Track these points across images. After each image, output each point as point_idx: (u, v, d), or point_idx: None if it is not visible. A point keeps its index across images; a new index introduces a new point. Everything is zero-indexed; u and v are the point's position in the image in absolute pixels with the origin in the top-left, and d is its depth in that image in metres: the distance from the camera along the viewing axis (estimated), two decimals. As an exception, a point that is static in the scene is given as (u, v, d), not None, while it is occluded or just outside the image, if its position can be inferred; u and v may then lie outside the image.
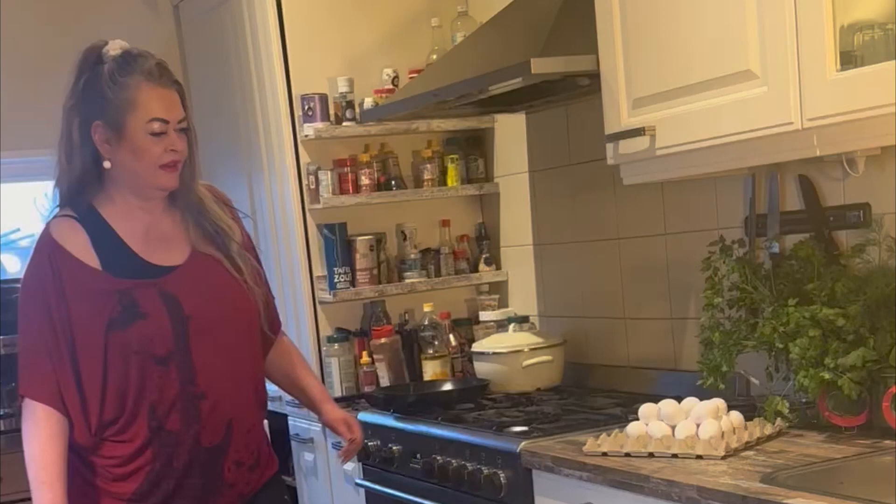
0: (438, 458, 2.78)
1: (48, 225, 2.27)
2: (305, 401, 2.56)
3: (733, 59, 2.19)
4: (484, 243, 3.71)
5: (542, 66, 2.60)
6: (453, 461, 2.73)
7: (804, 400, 2.38)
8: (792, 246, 2.50)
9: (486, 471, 2.60)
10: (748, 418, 2.36)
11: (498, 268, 3.70)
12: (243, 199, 3.84)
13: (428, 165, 3.61)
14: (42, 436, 2.17)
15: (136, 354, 2.18)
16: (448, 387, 3.27)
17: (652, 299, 3.06)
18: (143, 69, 2.22)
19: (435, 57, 3.49)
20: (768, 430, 2.32)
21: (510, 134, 3.59)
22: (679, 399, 2.39)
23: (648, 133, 2.39)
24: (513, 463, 2.52)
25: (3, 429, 3.81)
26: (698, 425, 2.27)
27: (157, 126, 2.20)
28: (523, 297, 3.60)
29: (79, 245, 2.22)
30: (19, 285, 3.81)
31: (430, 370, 3.42)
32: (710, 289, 2.54)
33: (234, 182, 3.93)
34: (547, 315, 3.49)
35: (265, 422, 2.41)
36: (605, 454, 2.30)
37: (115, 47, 2.30)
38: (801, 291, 2.38)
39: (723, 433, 2.24)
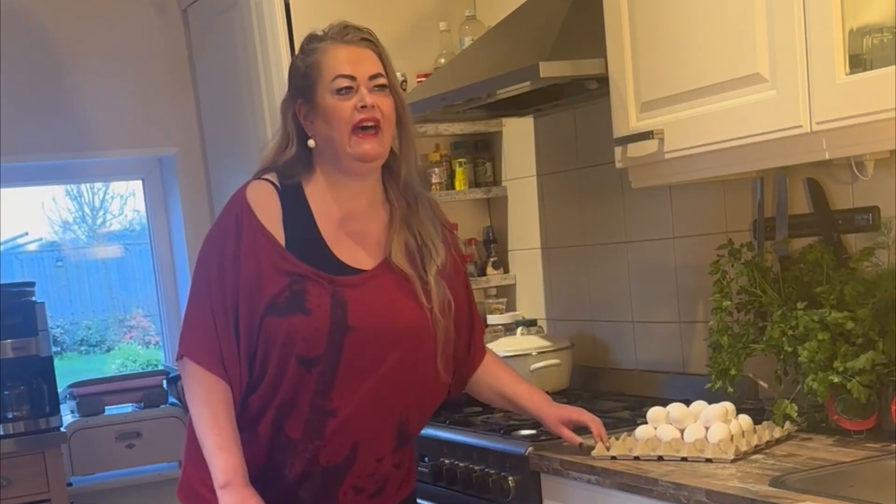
0: (446, 461, 2.78)
1: (246, 184, 2.16)
2: (526, 413, 2.43)
3: (742, 63, 2.19)
4: (492, 247, 3.72)
5: (551, 69, 2.61)
6: (461, 464, 2.73)
7: (813, 403, 2.37)
8: (801, 249, 2.50)
9: (493, 474, 2.60)
10: (757, 422, 2.36)
11: (506, 271, 3.70)
12: (251, 203, 3.84)
13: (436, 169, 3.62)
14: (212, 400, 2.04)
15: (283, 347, 2.05)
16: (456, 390, 3.26)
17: (660, 303, 3.06)
18: (330, 34, 2.12)
19: (443, 61, 3.49)
20: (777, 433, 2.31)
21: (518, 138, 3.59)
22: (687, 402, 2.39)
23: (657, 136, 2.39)
24: (521, 466, 2.52)
25: (2, 433, 3.81)
26: (707, 429, 2.27)
27: (342, 82, 2.06)
28: (531, 300, 3.60)
29: (270, 214, 2.10)
30: (29, 288, 3.89)
31: (438, 373, 3.42)
32: (718, 292, 2.54)
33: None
34: (555, 318, 3.49)
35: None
36: (613, 458, 2.29)
37: (320, 29, 2.18)
38: (810, 295, 2.38)
39: (732, 436, 2.24)
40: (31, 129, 4.09)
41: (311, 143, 2.13)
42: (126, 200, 5.20)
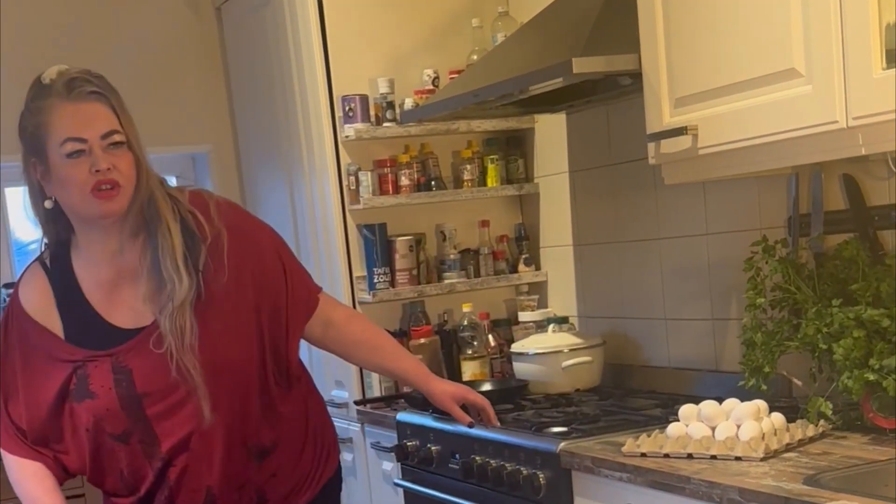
0: (477, 458, 2.78)
1: (18, 282, 2.14)
2: (411, 386, 2.47)
3: (777, 58, 2.16)
4: (523, 244, 3.71)
5: (584, 65, 2.59)
6: (492, 461, 2.72)
7: (848, 401, 2.35)
8: (836, 246, 2.47)
9: (525, 471, 2.59)
10: (790, 420, 2.34)
11: (537, 268, 3.69)
12: (283, 200, 3.86)
13: (468, 166, 3.61)
14: (21, 478, 2.10)
15: (90, 432, 2.05)
16: (487, 387, 3.26)
17: (693, 300, 3.04)
18: (56, 88, 1.97)
19: (475, 57, 3.49)
20: (811, 431, 2.30)
21: (550, 134, 3.58)
22: (720, 400, 2.37)
23: (691, 132, 2.38)
24: (552, 463, 2.51)
25: None
26: (738, 426, 2.25)
27: (72, 146, 1.94)
28: (563, 297, 3.59)
29: (43, 303, 2.07)
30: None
31: (469, 371, 3.42)
32: (752, 289, 2.52)
33: (274, 183, 3.95)
34: (586, 315, 3.48)
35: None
36: (643, 455, 2.28)
37: (49, 74, 2.03)
38: (846, 292, 2.35)
39: (763, 435, 2.22)
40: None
41: (48, 204, 2.03)
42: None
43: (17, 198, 4.38)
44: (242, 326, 2.10)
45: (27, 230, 4.73)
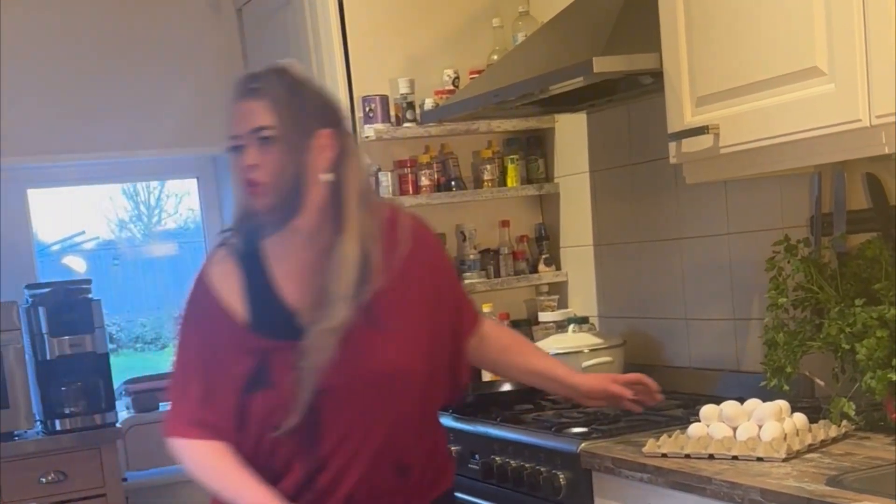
0: (497, 458, 2.77)
1: (206, 265, 2.11)
2: (552, 385, 2.40)
3: (800, 56, 2.15)
4: (544, 244, 3.70)
5: (604, 64, 2.59)
6: (512, 462, 2.72)
7: (871, 402, 2.33)
8: (859, 245, 2.46)
9: (544, 472, 2.58)
10: (813, 420, 2.33)
11: (558, 268, 3.68)
12: (304, 200, 3.86)
13: (488, 166, 3.61)
14: (211, 460, 2.03)
15: (258, 423, 2.02)
16: (507, 387, 3.25)
17: (714, 299, 3.03)
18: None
19: (496, 57, 3.49)
20: (833, 432, 2.28)
21: (571, 134, 3.57)
22: (741, 400, 2.36)
23: (712, 131, 2.37)
24: (572, 464, 2.51)
25: (59, 429, 3.87)
26: (760, 427, 2.24)
27: (230, 142, 2.03)
28: (583, 297, 3.58)
29: (232, 293, 2.05)
30: (85, 286, 3.93)
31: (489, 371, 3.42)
32: (774, 289, 2.51)
33: (295, 183, 3.95)
34: (607, 316, 3.47)
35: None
36: (664, 455, 2.27)
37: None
38: (869, 291, 2.34)
39: (785, 435, 2.21)
40: (88, 128, 4.14)
41: None
42: (181, 199, 5.25)
43: (40, 199, 4.42)
44: (420, 339, 2.10)
45: (49, 232, 4.77)
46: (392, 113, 3.50)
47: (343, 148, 2.05)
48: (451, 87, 3.52)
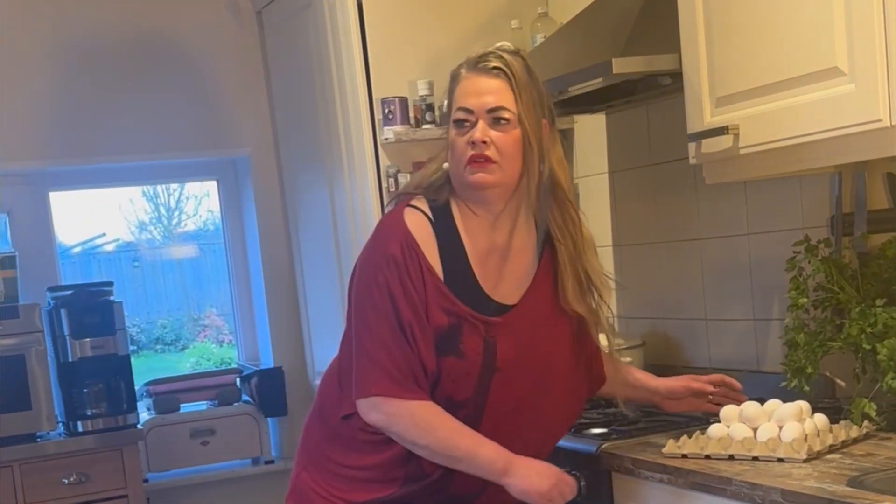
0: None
1: (400, 210, 2.08)
2: (631, 392, 2.42)
3: (820, 56, 2.15)
4: (563, 245, 3.70)
5: (623, 66, 2.59)
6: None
7: (892, 402, 2.32)
8: (880, 245, 2.45)
9: (565, 472, 2.58)
10: (834, 421, 2.32)
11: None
12: (324, 203, 3.88)
13: (507, 167, 3.61)
14: (431, 416, 2.00)
15: (431, 387, 2.02)
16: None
17: (734, 300, 3.02)
18: (469, 59, 2.07)
19: (514, 58, 3.48)
20: (854, 432, 2.27)
21: (590, 134, 3.57)
22: (762, 401, 2.36)
23: (732, 132, 2.37)
24: (592, 465, 2.50)
25: (81, 430, 3.90)
26: (781, 428, 2.23)
27: (459, 115, 2.03)
28: (603, 298, 3.57)
29: (429, 247, 2.04)
30: (107, 288, 3.96)
31: (509, 372, 3.42)
32: (794, 289, 2.50)
33: (314, 186, 3.97)
34: (627, 316, 3.47)
35: None
36: (684, 456, 2.27)
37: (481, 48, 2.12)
38: (889, 291, 2.33)
39: (806, 436, 2.20)
40: (108, 131, 4.16)
41: (445, 165, 2.11)
42: (201, 201, 5.27)
43: (61, 202, 4.45)
44: (568, 330, 2.18)
45: (70, 234, 4.80)
46: (411, 115, 3.50)
47: (554, 141, 2.13)
48: (471, 89, 3.51)
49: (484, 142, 2.01)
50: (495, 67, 2.03)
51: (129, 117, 4.19)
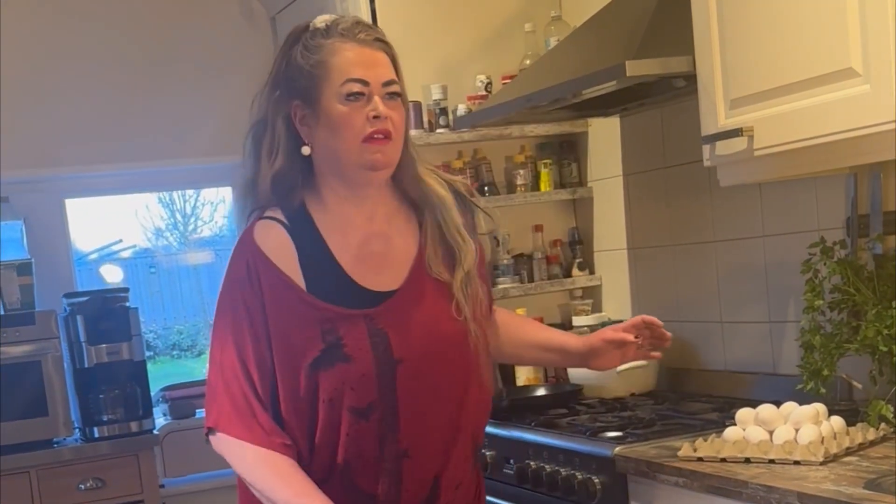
0: (532, 463, 2.77)
1: (251, 227, 1.92)
2: (554, 357, 2.26)
3: (834, 57, 2.14)
4: (577, 248, 3.69)
5: (637, 68, 2.58)
6: (547, 466, 2.71)
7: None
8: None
9: (579, 476, 2.58)
10: (850, 423, 2.31)
11: (591, 272, 3.67)
12: (338, 207, 3.88)
13: (521, 171, 3.61)
14: (264, 462, 1.84)
15: (330, 403, 1.85)
16: (541, 392, 3.26)
17: (750, 302, 3.01)
18: (339, 29, 1.88)
19: (528, 62, 3.49)
20: (871, 435, 2.26)
21: (604, 138, 3.56)
22: (778, 404, 2.34)
23: (746, 134, 2.36)
24: (607, 468, 2.50)
25: (97, 436, 3.91)
26: (797, 430, 2.22)
27: (352, 86, 1.84)
28: (617, 301, 3.57)
29: (284, 256, 1.88)
30: (123, 294, 3.96)
31: (524, 375, 3.41)
32: (810, 291, 2.49)
33: (328, 189, 3.97)
34: (642, 320, 3.46)
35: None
36: (700, 459, 2.26)
37: (320, 20, 1.94)
38: (906, 293, 2.32)
39: (822, 438, 2.19)
40: (124, 138, 4.18)
41: (305, 150, 1.90)
42: (216, 207, 5.29)
43: (78, 209, 4.47)
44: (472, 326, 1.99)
45: (87, 241, 4.82)
46: (425, 119, 3.50)
47: None
48: (484, 93, 3.52)
49: (386, 117, 1.86)
50: (378, 39, 1.90)
51: (143, 124, 4.20)
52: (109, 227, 4.96)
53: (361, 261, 1.92)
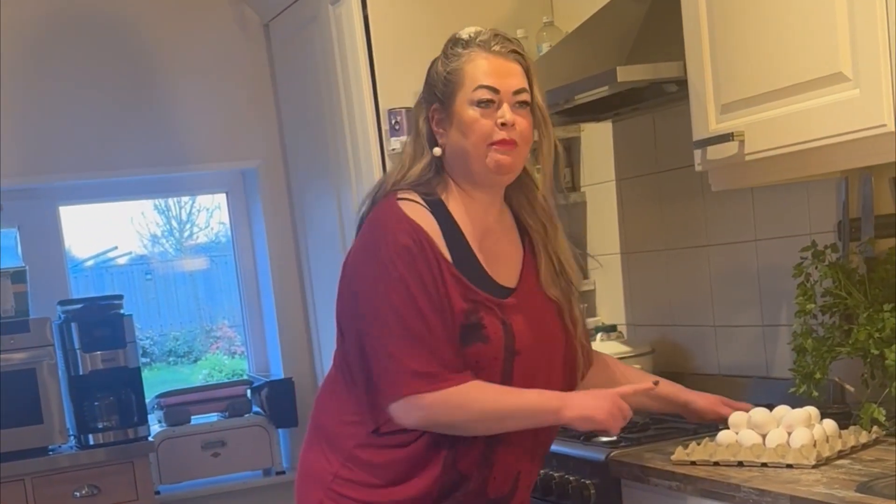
0: (527, 467, 2.77)
1: (394, 203, 2.00)
2: (662, 404, 2.39)
3: (824, 62, 2.15)
4: (571, 253, 3.70)
5: (629, 73, 2.60)
6: (541, 471, 2.71)
7: (902, 407, 2.32)
8: (887, 250, 2.45)
9: (574, 481, 2.58)
10: (843, 426, 2.31)
11: (585, 277, 3.68)
12: (332, 214, 3.89)
13: (514, 176, 3.61)
14: (470, 393, 1.94)
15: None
16: (536, 397, 3.25)
17: (742, 306, 3.02)
18: (478, 41, 2.04)
19: (520, 68, 3.49)
20: (864, 438, 2.26)
21: (597, 143, 3.57)
22: (771, 407, 2.35)
23: (737, 138, 2.36)
24: (601, 472, 2.50)
25: (92, 443, 3.91)
26: (790, 434, 2.23)
27: (483, 93, 1.98)
28: (611, 306, 3.57)
29: (435, 234, 1.98)
30: (117, 301, 3.97)
31: (519, 381, 3.41)
32: (802, 295, 2.50)
33: (322, 197, 3.98)
34: (635, 324, 3.47)
35: None
36: (693, 463, 2.27)
37: (465, 32, 2.10)
38: (897, 296, 2.33)
39: (815, 442, 2.20)
40: (118, 145, 4.18)
41: (437, 151, 2.05)
42: (212, 213, 5.29)
43: (73, 216, 4.47)
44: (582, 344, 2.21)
45: (83, 248, 4.82)
46: (418, 125, 3.50)
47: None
48: (477, 99, 3.52)
49: (513, 124, 2.00)
50: (513, 51, 2.04)
51: (137, 131, 4.21)
52: (105, 233, 4.95)
53: (484, 252, 2.05)
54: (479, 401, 1.96)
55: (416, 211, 2.01)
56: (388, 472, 2.03)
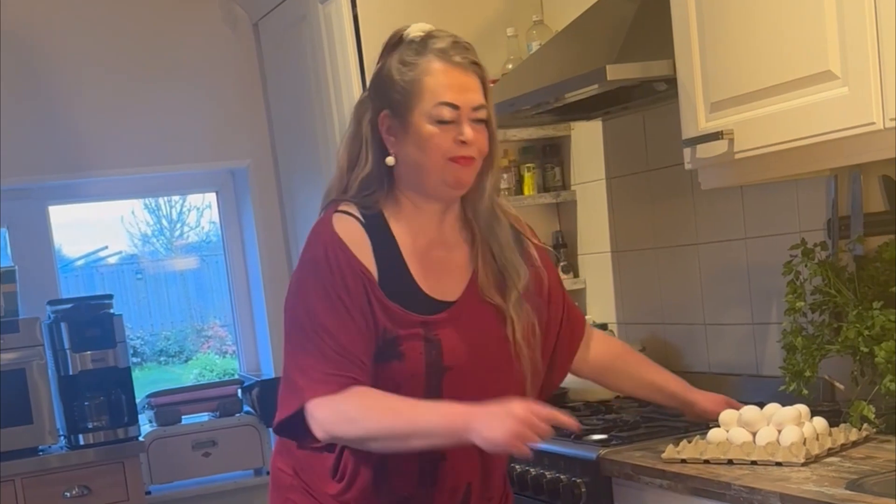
0: (517, 467, 2.77)
1: (328, 217, 2.00)
2: (667, 399, 2.38)
3: (812, 60, 2.15)
4: (561, 251, 3.70)
5: (618, 72, 2.60)
6: (532, 470, 2.71)
7: (891, 405, 2.32)
8: (876, 248, 2.45)
9: (565, 479, 2.58)
10: (833, 424, 2.31)
11: (576, 276, 3.68)
12: (322, 212, 3.88)
13: (504, 175, 3.61)
14: (368, 400, 1.89)
15: None
16: (527, 396, 3.25)
17: (732, 304, 3.02)
18: (436, 48, 1.95)
19: (510, 66, 3.49)
20: (854, 435, 2.27)
21: (587, 141, 3.57)
22: (761, 405, 2.35)
23: (727, 137, 2.37)
24: (592, 471, 2.50)
25: (83, 443, 3.90)
26: (780, 432, 2.23)
27: (445, 112, 1.91)
28: (602, 304, 3.58)
29: (361, 248, 1.95)
30: (107, 301, 3.96)
31: (509, 379, 3.41)
32: (792, 293, 2.50)
33: (313, 197, 3.97)
34: (626, 322, 3.47)
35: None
36: (683, 461, 2.27)
37: (416, 30, 2.01)
38: (887, 294, 2.33)
39: (805, 439, 2.20)
40: (108, 145, 4.17)
41: (389, 160, 1.98)
42: (202, 212, 5.28)
43: (63, 215, 4.46)
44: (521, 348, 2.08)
45: (73, 247, 4.81)
46: (408, 124, 3.50)
47: None
48: (467, 97, 3.52)
49: (472, 142, 1.95)
50: (473, 62, 1.97)
51: (127, 130, 4.20)
52: (95, 233, 4.94)
53: (426, 267, 2.00)
54: (370, 418, 1.89)
55: (347, 226, 1.98)
56: (327, 482, 2.04)
